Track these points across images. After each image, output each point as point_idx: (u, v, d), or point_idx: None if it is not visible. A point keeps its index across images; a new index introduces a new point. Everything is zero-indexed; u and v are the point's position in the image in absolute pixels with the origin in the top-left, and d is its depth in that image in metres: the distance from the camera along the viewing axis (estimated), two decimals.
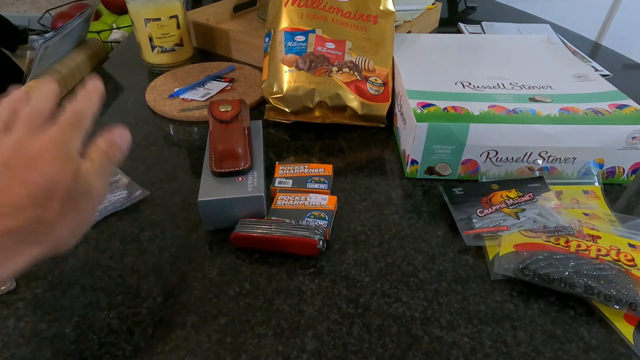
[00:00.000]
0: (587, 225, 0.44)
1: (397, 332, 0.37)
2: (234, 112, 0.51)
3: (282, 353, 0.36)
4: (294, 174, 0.51)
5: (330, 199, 0.48)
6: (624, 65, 0.85)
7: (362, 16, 0.65)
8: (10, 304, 0.40)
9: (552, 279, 0.39)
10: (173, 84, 0.73)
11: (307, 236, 0.42)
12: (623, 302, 0.37)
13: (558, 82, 0.58)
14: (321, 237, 0.42)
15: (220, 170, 0.47)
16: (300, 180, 0.50)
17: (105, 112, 0.68)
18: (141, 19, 0.75)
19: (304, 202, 0.47)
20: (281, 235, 0.42)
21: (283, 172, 0.52)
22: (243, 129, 0.50)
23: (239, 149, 0.47)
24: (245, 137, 0.50)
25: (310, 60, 0.62)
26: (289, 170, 0.52)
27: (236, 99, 0.53)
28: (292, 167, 0.52)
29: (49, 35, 0.68)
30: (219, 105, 0.52)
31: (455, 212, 0.48)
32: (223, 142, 0.48)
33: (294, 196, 0.48)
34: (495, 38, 0.81)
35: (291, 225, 0.44)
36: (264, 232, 0.43)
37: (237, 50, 0.84)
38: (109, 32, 1.52)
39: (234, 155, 0.47)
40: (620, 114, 0.50)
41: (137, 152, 0.59)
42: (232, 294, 0.41)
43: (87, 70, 0.83)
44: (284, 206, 0.47)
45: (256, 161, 0.49)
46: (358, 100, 0.62)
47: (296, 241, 0.42)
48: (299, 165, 0.52)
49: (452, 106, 0.52)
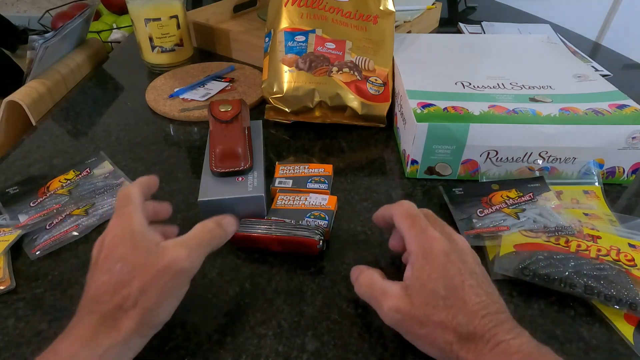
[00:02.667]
0: (587, 225, 0.44)
1: (397, 332, 0.37)
2: (234, 112, 0.51)
3: (282, 353, 0.36)
4: (294, 174, 0.51)
5: (330, 199, 0.48)
6: (624, 65, 0.85)
7: (362, 16, 0.65)
8: (10, 304, 0.40)
9: (552, 279, 0.39)
10: (173, 84, 0.73)
11: (307, 236, 0.42)
12: (623, 302, 0.37)
13: (558, 82, 0.58)
14: (321, 237, 0.42)
15: (221, 170, 0.47)
16: (301, 180, 0.50)
17: (105, 112, 0.68)
18: (141, 19, 0.75)
19: (304, 202, 0.47)
20: (281, 235, 0.42)
21: (283, 172, 0.52)
22: (243, 128, 0.50)
23: (239, 149, 0.47)
24: (245, 137, 0.50)
25: (310, 60, 0.62)
26: (289, 170, 0.52)
27: (236, 99, 0.53)
28: (292, 167, 0.52)
29: (49, 35, 0.68)
30: (219, 105, 0.52)
31: (455, 212, 0.48)
32: (223, 142, 0.48)
33: (294, 196, 0.48)
34: (495, 38, 0.81)
35: (291, 225, 0.44)
36: (264, 232, 0.43)
37: (237, 50, 0.84)
38: (109, 32, 1.52)
39: (234, 155, 0.47)
40: (620, 114, 0.50)
41: (137, 152, 0.59)
42: (232, 294, 0.41)
43: (87, 70, 0.83)
44: (284, 206, 0.47)
45: (256, 161, 0.49)
46: (358, 100, 0.62)
47: (296, 241, 0.42)
48: (299, 165, 0.52)
49: (452, 106, 0.52)
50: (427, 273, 0.32)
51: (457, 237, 0.36)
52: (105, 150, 0.58)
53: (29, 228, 0.46)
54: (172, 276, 0.32)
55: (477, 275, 0.33)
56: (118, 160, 0.57)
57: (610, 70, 0.79)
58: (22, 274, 0.42)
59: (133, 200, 0.35)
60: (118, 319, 0.30)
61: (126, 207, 0.35)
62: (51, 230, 0.46)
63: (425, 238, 0.34)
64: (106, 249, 0.33)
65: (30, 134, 0.63)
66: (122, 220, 0.34)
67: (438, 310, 0.31)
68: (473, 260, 0.34)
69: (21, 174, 0.55)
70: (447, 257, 0.33)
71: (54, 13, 1.93)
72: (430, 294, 0.31)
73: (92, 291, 0.31)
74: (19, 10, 2.27)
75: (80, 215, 0.48)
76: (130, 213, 0.34)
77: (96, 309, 0.30)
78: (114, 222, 0.34)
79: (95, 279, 0.32)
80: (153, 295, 0.31)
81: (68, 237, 0.45)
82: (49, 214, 0.48)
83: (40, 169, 0.56)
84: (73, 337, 0.29)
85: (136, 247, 0.32)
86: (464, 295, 0.31)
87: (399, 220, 0.36)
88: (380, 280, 0.35)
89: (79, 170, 0.54)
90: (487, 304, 0.31)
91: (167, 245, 0.33)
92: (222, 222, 0.36)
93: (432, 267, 0.32)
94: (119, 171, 0.54)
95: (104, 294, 0.31)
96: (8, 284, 0.41)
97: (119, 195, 0.36)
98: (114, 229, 0.34)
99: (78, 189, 0.51)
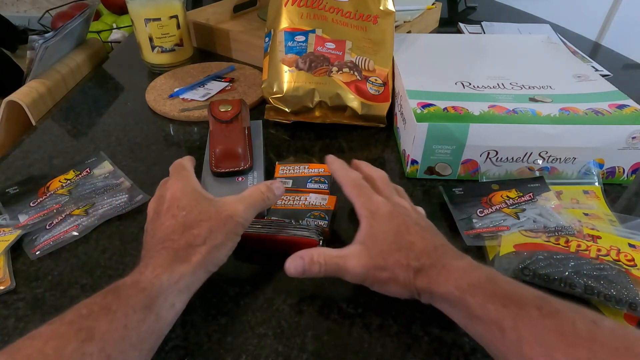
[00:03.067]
0: (587, 225, 0.44)
1: (397, 332, 0.37)
2: (234, 112, 0.51)
3: (282, 353, 0.36)
4: (294, 174, 0.51)
5: (330, 198, 0.48)
6: (624, 65, 0.85)
7: (362, 16, 0.65)
8: (10, 304, 0.40)
9: (552, 279, 0.39)
10: (173, 84, 0.73)
11: (307, 236, 0.42)
12: (623, 302, 0.37)
13: (558, 82, 0.58)
14: (321, 236, 0.42)
15: (220, 170, 0.47)
16: (301, 180, 0.50)
17: (105, 112, 0.68)
18: (141, 19, 0.75)
19: (304, 202, 0.47)
20: (282, 236, 0.42)
21: (283, 172, 0.52)
22: (243, 128, 0.50)
23: (239, 149, 0.47)
24: (245, 137, 0.50)
25: (310, 60, 0.62)
26: (289, 170, 0.52)
27: (236, 99, 0.54)
28: (292, 167, 0.52)
29: (49, 35, 0.68)
30: (219, 105, 0.52)
31: (455, 212, 0.48)
32: (223, 142, 0.48)
33: (294, 196, 0.48)
34: (495, 38, 0.81)
35: (291, 225, 0.44)
36: (265, 232, 0.43)
37: (237, 50, 0.84)
38: (109, 32, 1.52)
39: (234, 155, 0.47)
40: (620, 114, 0.50)
41: (137, 152, 0.59)
42: (232, 294, 0.41)
43: (87, 70, 0.83)
44: (284, 206, 0.47)
45: (256, 161, 0.49)
46: (358, 100, 0.62)
47: (296, 241, 0.42)
48: (299, 165, 0.52)
49: (452, 106, 0.52)
50: (377, 229, 0.38)
51: (402, 201, 0.41)
52: (105, 150, 0.58)
53: (29, 228, 0.46)
54: (234, 225, 0.37)
55: (420, 224, 0.38)
56: (118, 160, 0.57)
57: (610, 70, 0.79)
58: (22, 274, 0.42)
59: (187, 168, 0.42)
60: (189, 253, 0.34)
61: (183, 171, 0.41)
62: (51, 230, 0.46)
63: (371, 203, 0.39)
64: (168, 202, 0.38)
65: (30, 134, 0.63)
66: (181, 180, 0.40)
67: (392, 253, 0.36)
68: (417, 215, 0.40)
69: (21, 174, 0.55)
70: (391, 214, 0.38)
71: (54, 13, 1.94)
72: (383, 242, 0.37)
73: (160, 234, 0.36)
74: (19, 10, 2.27)
75: (80, 215, 0.48)
76: (187, 176, 0.40)
77: (169, 245, 0.35)
78: (173, 182, 0.39)
79: (159, 224, 0.37)
80: (219, 237, 0.36)
81: (68, 237, 0.45)
82: (49, 214, 0.48)
83: (40, 169, 0.56)
84: (153, 265, 0.33)
85: (198, 199, 0.38)
86: (411, 237, 0.36)
87: (348, 190, 0.41)
88: (334, 251, 0.38)
89: (79, 170, 0.54)
90: (432, 241, 0.36)
91: (227, 200, 0.38)
92: (271, 187, 0.41)
93: (381, 223, 0.38)
94: (118, 171, 0.54)
95: (172, 233, 0.35)
96: (8, 284, 0.41)
97: (174, 164, 0.42)
98: (174, 186, 0.39)
99: (78, 189, 0.51)
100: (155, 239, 0.36)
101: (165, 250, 0.34)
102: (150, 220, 0.39)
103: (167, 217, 0.37)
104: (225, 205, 0.38)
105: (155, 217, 0.38)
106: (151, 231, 0.37)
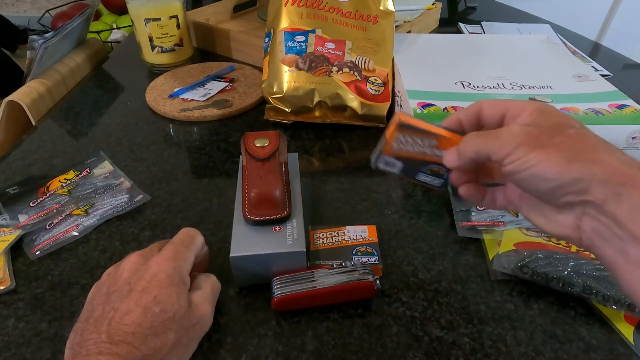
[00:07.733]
0: None
1: (397, 332, 0.37)
2: (272, 148, 0.44)
3: (282, 353, 0.36)
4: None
5: (370, 229, 0.44)
6: (624, 65, 0.85)
7: (362, 16, 0.65)
8: (10, 304, 0.40)
9: (551, 278, 0.39)
10: (173, 84, 0.73)
11: (361, 279, 0.37)
12: (622, 302, 0.37)
13: (558, 82, 0.58)
14: (374, 276, 0.38)
15: (256, 218, 0.40)
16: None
17: (105, 112, 0.68)
18: (141, 19, 0.75)
19: (343, 237, 0.44)
20: (331, 287, 0.38)
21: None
22: (281, 167, 0.43)
23: (276, 193, 0.41)
24: (283, 177, 0.43)
25: (310, 60, 0.62)
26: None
27: (273, 132, 0.46)
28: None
29: (49, 35, 0.68)
30: (255, 140, 0.44)
31: (455, 204, 0.48)
32: (259, 185, 0.41)
33: (331, 231, 0.44)
34: (495, 38, 0.81)
35: (336, 270, 0.38)
36: (310, 287, 0.37)
37: (237, 50, 0.84)
38: (109, 32, 1.52)
39: (271, 200, 0.41)
40: (620, 114, 0.50)
41: (137, 152, 0.59)
42: (232, 294, 0.41)
43: (87, 70, 0.83)
44: (323, 245, 0.43)
45: (295, 206, 0.42)
46: (358, 100, 0.62)
47: (350, 288, 0.38)
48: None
49: (452, 106, 0.52)
50: (545, 118, 0.29)
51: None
52: (105, 150, 0.58)
53: (29, 228, 0.46)
54: (200, 331, 0.34)
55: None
56: (118, 160, 0.57)
57: (610, 70, 0.79)
58: (22, 274, 0.42)
59: (193, 248, 0.36)
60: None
61: (187, 248, 0.36)
62: (51, 230, 0.46)
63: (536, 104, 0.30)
64: (148, 279, 0.32)
65: (30, 134, 0.63)
66: (177, 262, 0.34)
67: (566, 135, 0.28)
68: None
69: (21, 174, 0.55)
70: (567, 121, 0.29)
71: (54, 13, 1.94)
72: (557, 124, 0.28)
73: (116, 324, 0.29)
74: (19, 10, 2.27)
75: (80, 215, 0.48)
76: (186, 258, 0.35)
77: (119, 351, 0.28)
78: (167, 258, 0.34)
79: (125, 307, 0.30)
80: (180, 351, 0.32)
81: (68, 237, 0.45)
82: (48, 214, 0.48)
83: (40, 169, 0.56)
84: None
85: (179, 298, 0.32)
86: (595, 145, 0.27)
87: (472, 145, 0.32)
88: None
89: (79, 170, 0.54)
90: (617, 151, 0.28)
91: (195, 300, 0.34)
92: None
93: (552, 115, 0.29)
94: (118, 171, 0.54)
95: (133, 336, 0.29)
96: (8, 284, 0.41)
97: (186, 233, 0.37)
98: (164, 264, 0.33)
99: (78, 189, 0.51)
100: (109, 326, 0.29)
101: (107, 357, 0.27)
102: (108, 286, 0.32)
103: (137, 302, 0.30)
104: (197, 307, 0.33)
105: (120, 288, 0.31)
106: (103, 309, 0.30)
